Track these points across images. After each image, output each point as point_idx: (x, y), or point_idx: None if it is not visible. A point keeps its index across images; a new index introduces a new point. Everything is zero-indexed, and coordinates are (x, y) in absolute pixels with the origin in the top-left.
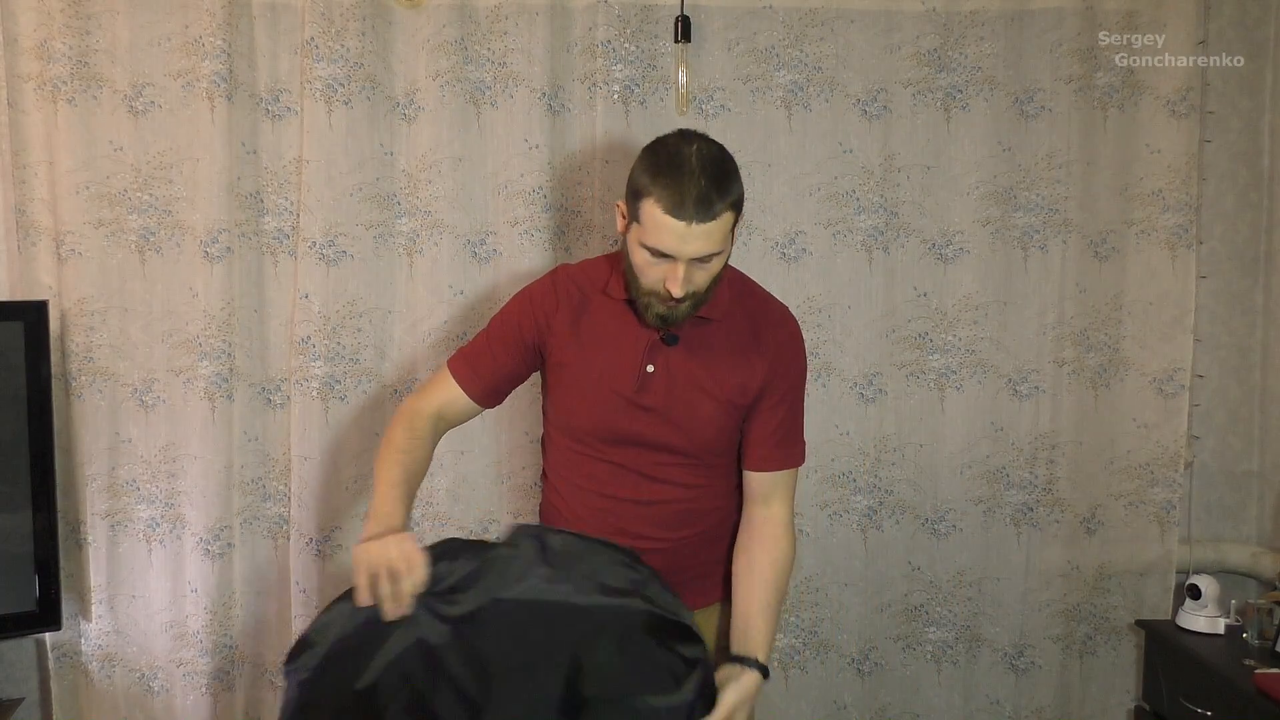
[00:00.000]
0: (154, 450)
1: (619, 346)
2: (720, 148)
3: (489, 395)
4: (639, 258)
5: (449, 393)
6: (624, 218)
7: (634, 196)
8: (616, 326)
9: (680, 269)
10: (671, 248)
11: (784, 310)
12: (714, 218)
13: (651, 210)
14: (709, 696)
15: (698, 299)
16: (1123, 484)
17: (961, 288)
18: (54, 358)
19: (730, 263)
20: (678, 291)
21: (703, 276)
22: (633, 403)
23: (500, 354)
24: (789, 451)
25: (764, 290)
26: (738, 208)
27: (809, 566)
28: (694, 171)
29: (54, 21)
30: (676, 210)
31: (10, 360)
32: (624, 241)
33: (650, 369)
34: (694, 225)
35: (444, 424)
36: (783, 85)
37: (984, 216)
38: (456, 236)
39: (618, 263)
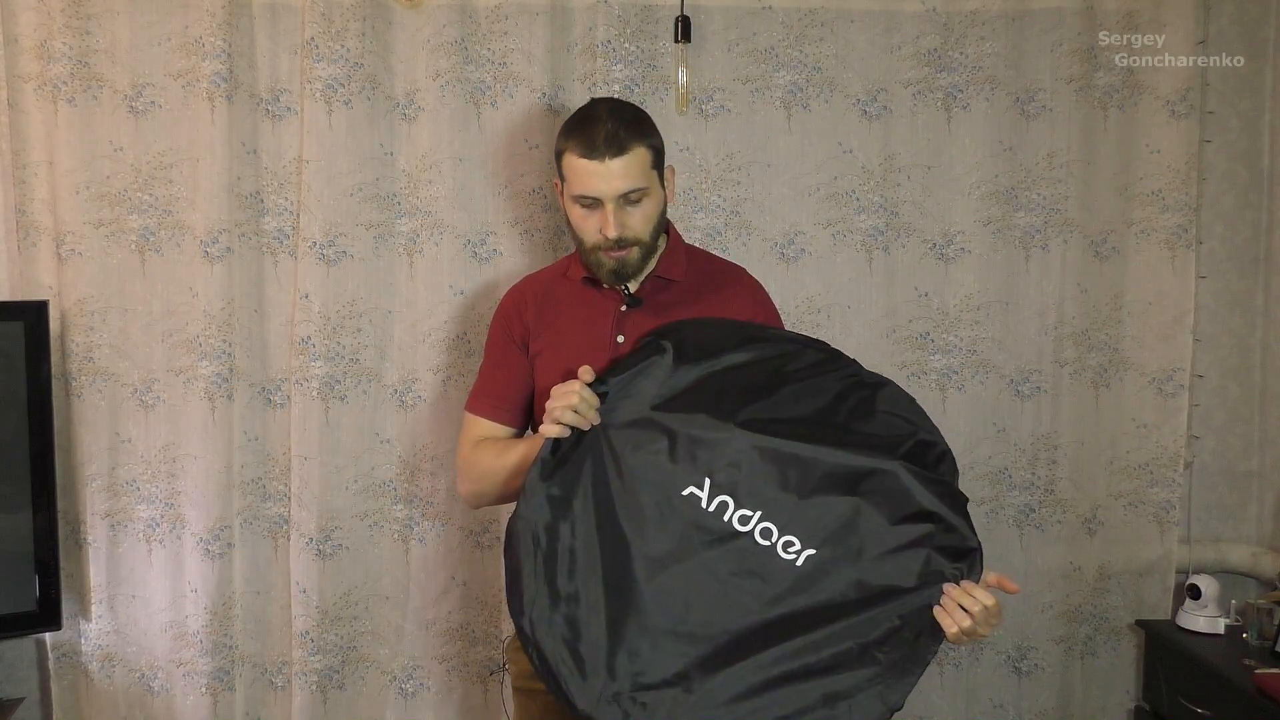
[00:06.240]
0: (154, 450)
1: (587, 323)
2: (631, 104)
3: (514, 414)
4: (575, 215)
5: (479, 430)
6: (559, 189)
7: (557, 159)
8: (581, 306)
9: (610, 210)
10: (594, 189)
11: (739, 266)
12: (625, 152)
13: (570, 161)
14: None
15: (645, 248)
16: (1123, 484)
17: (963, 288)
18: (54, 358)
19: (729, 261)
20: (611, 232)
21: (637, 220)
22: None
23: (505, 366)
24: None
25: (716, 255)
26: (655, 149)
27: None
28: (601, 118)
29: (54, 21)
30: (589, 152)
31: (10, 360)
32: (565, 213)
33: (621, 339)
34: (608, 161)
35: None
36: (782, 85)
37: (985, 216)
38: (456, 236)
39: (575, 252)
